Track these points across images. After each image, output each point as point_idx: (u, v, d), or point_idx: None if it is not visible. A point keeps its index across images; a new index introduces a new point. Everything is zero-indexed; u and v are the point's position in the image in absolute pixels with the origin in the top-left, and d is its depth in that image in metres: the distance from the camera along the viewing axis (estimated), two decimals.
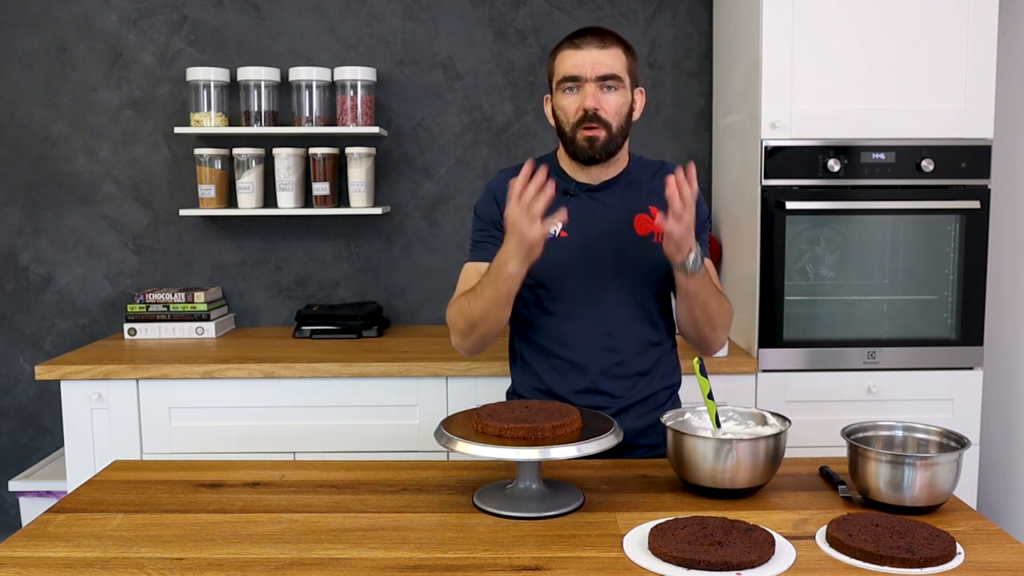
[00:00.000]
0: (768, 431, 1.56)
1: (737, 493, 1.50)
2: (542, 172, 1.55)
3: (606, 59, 1.72)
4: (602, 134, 1.73)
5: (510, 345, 1.93)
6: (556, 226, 1.74)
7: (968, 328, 2.58)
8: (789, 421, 1.58)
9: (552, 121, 1.82)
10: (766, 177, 2.53)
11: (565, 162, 1.84)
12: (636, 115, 1.80)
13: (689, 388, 1.98)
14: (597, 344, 1.80)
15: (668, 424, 1.56)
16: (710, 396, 1.59)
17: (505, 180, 1.83)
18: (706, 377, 1.59)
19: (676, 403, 1.91)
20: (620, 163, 1.83)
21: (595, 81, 1.72)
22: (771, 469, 1.51)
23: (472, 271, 1.82)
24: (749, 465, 1.47)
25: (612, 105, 1.73)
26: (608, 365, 1.80)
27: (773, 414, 1.61)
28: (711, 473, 1.48)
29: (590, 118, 1.72)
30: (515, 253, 1.59)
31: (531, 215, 1.54)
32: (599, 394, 1.79)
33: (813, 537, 1.35)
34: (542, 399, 1.81)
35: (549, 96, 1.82)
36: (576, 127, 1.74)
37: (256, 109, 2.91)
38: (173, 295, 2.91)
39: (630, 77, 1.76)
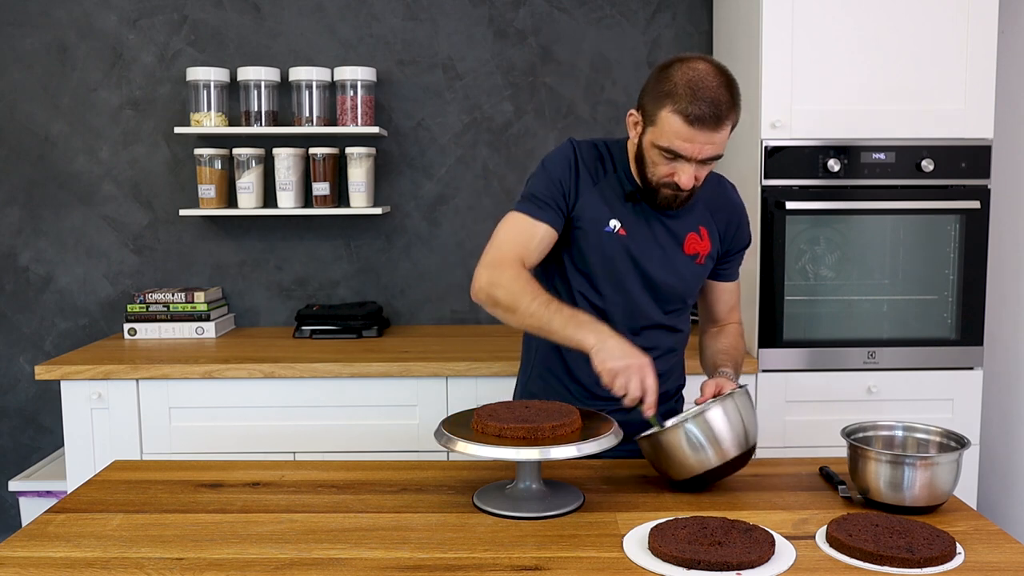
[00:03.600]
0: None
1: (733, 465, 1.52)
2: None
3: (717, 140, 1.61)
4: (686, 195, 1.70)
5: None
6: (615, 222, 1.75)
7: (968, 328, 2.58)
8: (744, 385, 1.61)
9: (634, 142, 1.72)
10: (766, 177, 2.53)
11: (633, 166, 1.78)
12: None
13: (692, 390, 1.99)
14: None
15: (638, 439, 1.58)
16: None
17: (579, 154, 1.76)
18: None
19: (681, 401, 1.94)
20: None
21: (698, 162, 1.64)
22: (752, 427, 1.53)
23: (526, 226, 1.72)
24: (729, 433, 1.50)
25: (706, 173, 1.69)
26: None
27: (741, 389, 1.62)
28: (679, 465, 1.51)
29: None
30: (605, 342, 1.56)
31: (634, 391, 1.53)
32: None
33: (813, 537, 1.35)
34: (560, 383, 1.83)
35: (639, 119, 1.69)
36: (663, 185, 1.69)
37: (256, 109, 2.91)
38: (173, 295, 2.91)
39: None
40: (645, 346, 1.81)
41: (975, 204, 2.53)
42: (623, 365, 1.52)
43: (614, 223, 1.75)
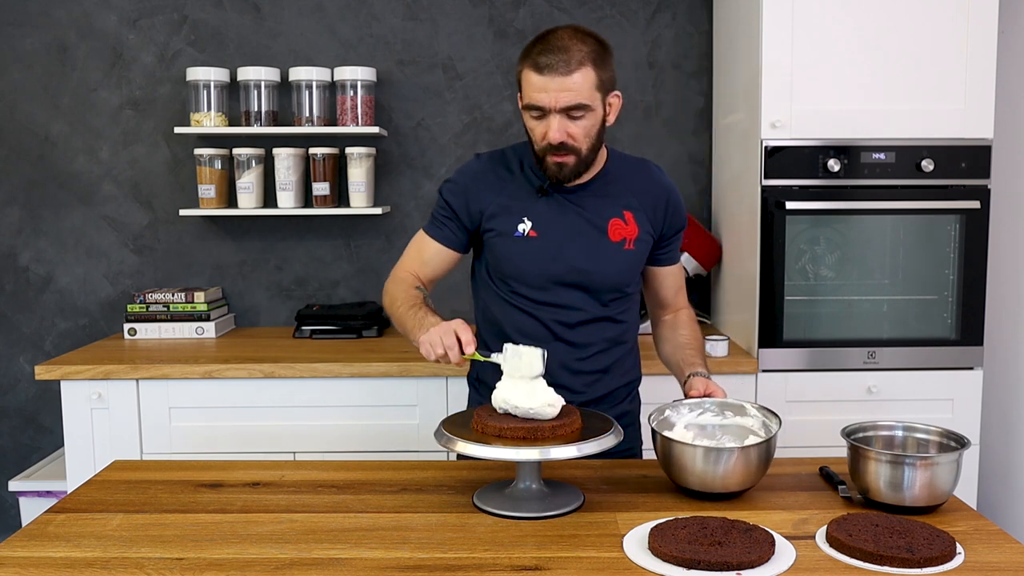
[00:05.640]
0: (750, 422, 1.58)
1: (728, 495, 1.51)
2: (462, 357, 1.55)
3: (572, 86, 1.60)
4: (571, 160, 1.67)
5: (478, 332, 1.91)
6: (525, 224, 1.75)
7: (968, 328, 2.58)
8: (778, 417, 1.57)
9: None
10: (766, 177, 2.53)
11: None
12: (611, 120, 1.72)
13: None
14: (558, 339, 1.78)
15: (653, 426, 1.57)
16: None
17: (477, 169, 1.81)
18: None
19: (635, 400, 1.92)
20: (596, 166, 1.77)
21: (560, 112, 1.62)
22: (762, 471, 1.51)
23: (422, 242, 1.86)
24: (742, 471, 1.47)
25: (580, 131, 1.65)
26: (568, 360, 1.79)
27: (757, 407, 1.61)
28: (700, 478, 1.49)
29: (557, 147, 1.65)
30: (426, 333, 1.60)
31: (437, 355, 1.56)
32: (558, 388, 1.78)
33: (813, 537, 1.35)
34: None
35: (521, 97, 1.71)
36: (544, 151, 1.68)
37: (256, 109, 2.91)
38: (173, 295, 2.91)
39: (601, 91, 1.65)
40: (584, 342, 1.79)
41: (975, 204, 2.53)
42: (428, 337, 1.55)
43: (523, 227, 1.75)
